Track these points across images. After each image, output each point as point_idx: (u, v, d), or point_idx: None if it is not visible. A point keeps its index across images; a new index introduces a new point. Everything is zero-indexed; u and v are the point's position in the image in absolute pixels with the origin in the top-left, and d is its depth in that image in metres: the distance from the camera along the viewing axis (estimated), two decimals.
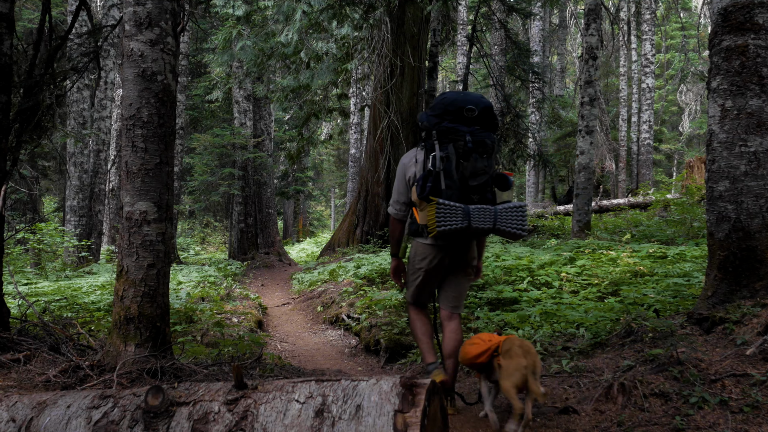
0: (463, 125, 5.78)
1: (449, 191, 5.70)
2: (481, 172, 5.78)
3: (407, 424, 3.40)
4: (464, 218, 5.58)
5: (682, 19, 47.14)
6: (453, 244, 6.09)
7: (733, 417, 5.05)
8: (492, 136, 5.88)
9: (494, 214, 5.70)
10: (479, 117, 5.82)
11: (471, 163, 5.74)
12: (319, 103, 24.16)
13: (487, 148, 5.80)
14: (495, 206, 5.77)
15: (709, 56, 7.14)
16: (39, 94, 7.57)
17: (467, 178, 5.75)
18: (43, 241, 18.67)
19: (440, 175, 5.74)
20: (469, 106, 5.78)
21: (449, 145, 5.74)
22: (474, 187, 5.77)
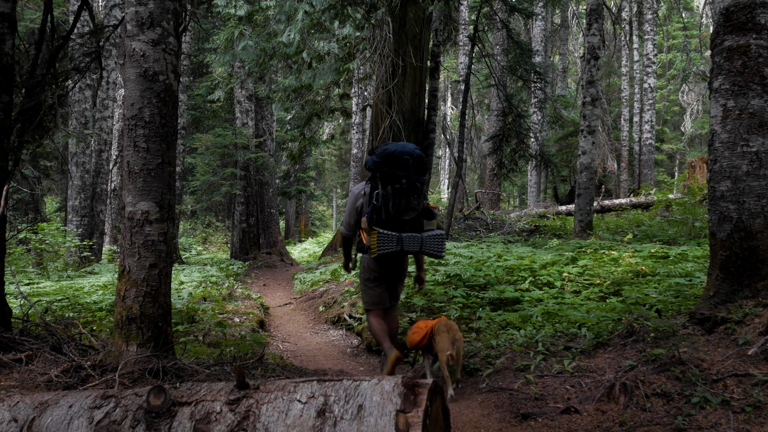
0: (400, 171, 7.29)
1: (388, 222, 7.28)
2: (411, 208, 7.38)
3: (409, 424, 3.40)
4: (398, 243, 7.22)
5: (684, 19, 47.06)
6: (390, 260, 7.72)
7: (735, 417, 5.05)
8: (422, 179, 7.46)
9: (421, 240, 7.35)
10: (413, 164, 7.35)
11: (405, 201, 7.32)
12: (321, 103, 24.14)
13: (417, 190, 7.40)
14: (422, 234, 7.39)
15: (710, 56, 7.14)
16: (41, 94, 7.57)
17: (401, 212, 7.33)
18: (45, 241, 18.70)
19: (381, 209, 7.29)
20: (405, 156, 7.29)
21: (389, 186, 7.29)
22: (406, 220, 7.35)
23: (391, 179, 7.29)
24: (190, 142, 32.13)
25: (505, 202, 54.87)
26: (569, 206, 28.07)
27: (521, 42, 25.91)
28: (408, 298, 11.48)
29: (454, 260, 13.60)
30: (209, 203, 33.44)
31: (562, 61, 45.37)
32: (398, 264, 7.89)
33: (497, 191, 34.16)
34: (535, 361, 7.51)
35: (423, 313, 10.83)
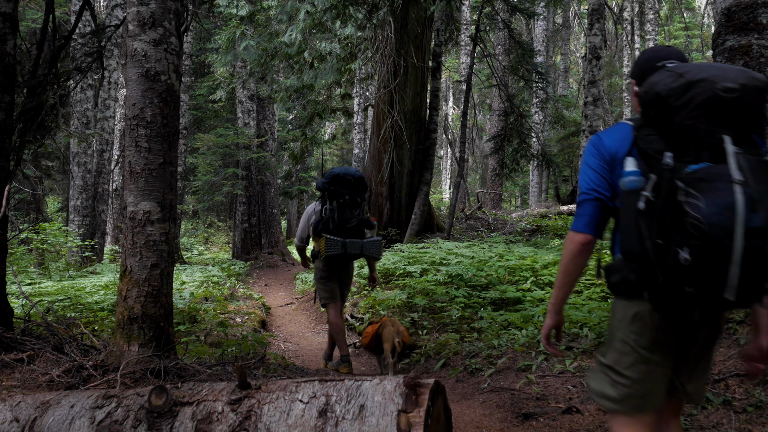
0: (344, 189, 8.98)
1: (334, 230, 8.95)
2: (353, 218, 9.03)
3: (411, 424, 3.40)
4: (342, 247, 8.92)
5: (685, 19, 47.09)
6: (338, 263, 9.33)
7: (737, 417, 5.06)
8: (363, 195, 9.18)
9: (361, 245, 9.09)
10: (354, 184, 9.03)
11: (348, 213, 8.99)
12: (323, 103, 24.13)
13: (357, 204, 9.07)
14: (362, 240, 9.13)
15: (712, 56, 7.14)
16: (42, 94, 7.58)
17: (345, 222, 8.98)
18: (47, 241, 18.71)
19: (329, 220, 8.96)
20: (347, 177, 9.00)
21: (334, 201, 8.97)
22: (349, 228, 9.01)
23: (337, 196, 9.01)
24: (191, 142, 32.10)
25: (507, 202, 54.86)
26: (571, 206, 28.00)
27: (523, 42, 25.94)
28: (409, 298, 11.49)
29: (455, 260, 13.60)
30: (211, 203, 33.40)
31: (563, 61, 45.38)
32: (345, 268, 9.64)
33: (499, 191, 34.14)
34: (536, 361, 7.52)
35: (425, 313, 10.86)
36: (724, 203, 2.88)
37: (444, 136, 41.67)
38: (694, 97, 3.10)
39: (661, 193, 3.08)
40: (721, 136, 3.06)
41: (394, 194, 21.26)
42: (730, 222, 2.85)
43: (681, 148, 3.14)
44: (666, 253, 3.01)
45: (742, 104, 3.09)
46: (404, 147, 20.76)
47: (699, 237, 2.89)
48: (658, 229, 3.05)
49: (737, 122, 3.10)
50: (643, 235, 3.11)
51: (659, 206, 3.07)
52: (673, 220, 3.00)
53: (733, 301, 2.97)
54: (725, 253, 2.87)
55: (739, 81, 3.09)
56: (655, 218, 3.07)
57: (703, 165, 3.05)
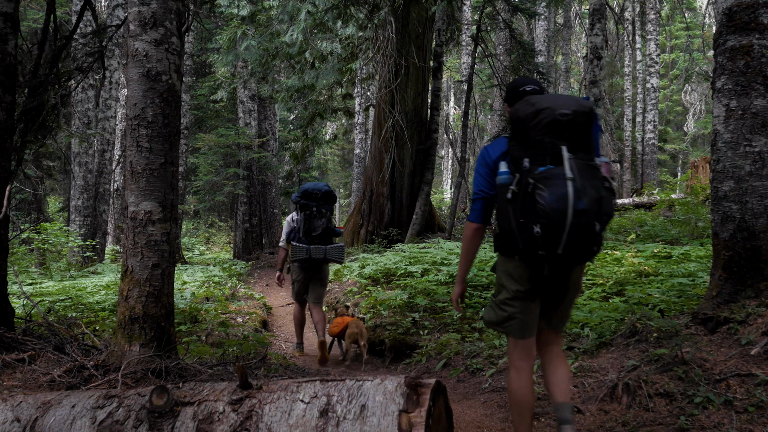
0: (312, 202, 10.47)
1: (303, 238, 10.46)
2: (320, 227, 10.44)
3: (412, 424, 3.40)
4: (306, 252, 10.38)
5: (686, 19, 47.04)
6: (307, 266, 10.65)
7: (738, 417, 5.06)
8: (329, 207, 10.64)
9: (325, 250, 10.46)
10: (322, 197, 10.50)
11: (314, 222, 10.45)
12: (324, 103, 24.16)
13: (323, 214, 10.51)
14: (326, 246, 10.50)
15: (713, 56, 7.14)
16: (43, 94, 7.58)
17: (311, 230, 10.44)
18: (48, 241, 18.70)
19: (300, 229, 10.50)
20: (315, 192, 10.48)
21: (303, 213, 10.50)
22: (315, 236, 10.45)
23: (305, 208, 10.50)
24: (193, 142, 32.10)
25: None
26: None
27: (524, 42, 25.92)
28: (411, 298, 11.50)
29: (457, 260, 13.59)
30: (212, 203, 33.42)
31: (564, 61, 45.32)
32: (316, 271, 10.78)
33: None
34: (537, 361, 7.52)
35: (426, 313, 10.87)
36: (560, 193, 4.24)
37: (445, 136, 41.71)
38: (542, 120, 4.45)
39: (521, 187, 4.45)
40: (560, 146, 4.41)
41: (395, 194, 21.30)
42: (564, 206, 4.22)
43: (534, 155, 4.47)
44: (525, 228, 4.40)
45: (574, 124, 4.46)
46: (405, 147, 20.79)
47: (544, 217, 4.25)
48: (520, 212, 4.45)
49: (571, 137, 4.46)
50: (510, 216, 4.53)
51: (520, 196, 4.45)
52: (529, 205, 4.36)
53: (568, 259, 4.45)
54: (561, 227, 4.25)
55: (572, 108, 4.47)
56: (518, 204, 4.47)
57: (548, 167, 4.39)
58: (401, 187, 21.29)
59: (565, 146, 4.43)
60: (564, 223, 4.26)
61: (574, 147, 4.46)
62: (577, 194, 4.25)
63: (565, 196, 4.25)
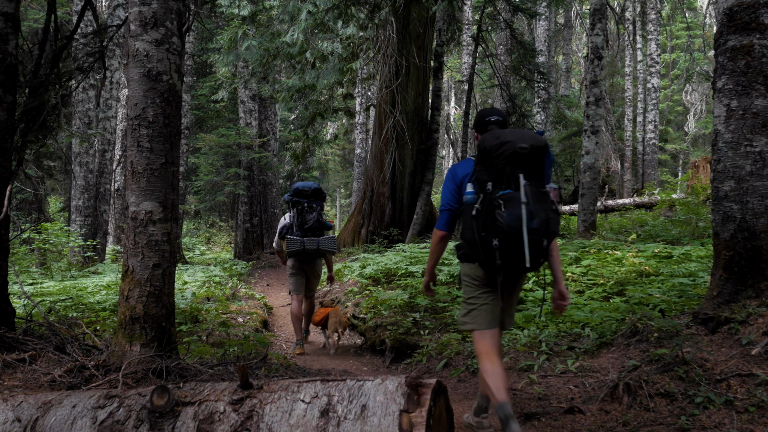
0: (303, 198, 11.21)
1: (296, 231, 11.15)
2: (311, 221, 11.12)
3: (412, 424, 3.40)
4: (300, 245, 11.01)
5: (687, 19, 47.04)
6: (302, 259, 11.33)
7: (739, 417, 5.06)
8: (320, 203, 11.37)
9: (318, 241, 11.10)
10: (311, 194, 11.26)
11: (306, 216, 11.14)
12: (325, 103, 24.16)
13: (314, 209, 11.20)
14: (319, 238, 11.16)
15: (714, 56, 7.14)
16: (44, 94, 7.58)
17: (303, 224, 11.13)
18: (49, 241, 18.71)
19: (292, 224, 11.23)
20: (305, 189, 11.25)
21: (295, 209, 11.22)
22: (307, 229, 11.12)
23: (297, 204, 11.23)
24: (193, 142, 32.09)
25: None
26: (573, 206, 28.01)
27: (525, 42, 25.97)
28: (411, 298, 11.50)
29: (457, 261, 13.60)
30: (213, 203, 33.41)
31: (565, 61, 45.34)
32: (310, 264, 11.48)
33: None
34: (538, 361, 7.51)
35: (426, 313, 10.88)
36: (516, 214, 5.09)
37: (446, 136, 41.70)
38: (504, 151, 5.26)
39: (484, 206, 5.25)
40: (518, 174, 5.21)
41: (396, 194, 21.31)
42: (519, 224, 5.07)
43: (496, 180, 5.27)
44: (486, 241, 5.21)
45: (531, 157, 5.26)
46: (406, 147, 20.80)
47: (502, 232, 5.10)
48: (482, 227, 5.25)
49: (527, 167, 5.26)
50: (474, 230, 5.32)
51: (483, 214, 5.24)
52: (490, 222, 5.18)
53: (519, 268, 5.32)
54: (516, 242, 5.10)
55: (530, 143, 5.27)
56: (480, 220, 5.26)
57: (507, 191, 5.20)
58: (402, 187, 21.29)
59: (522, 174, 5.26)
60: (518, 239, 5.12)
61: (529, 175, 5.29)
62: (530, 215, 5.14)
63: (520, 217, 5.12)
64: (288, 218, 11.47)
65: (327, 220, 11.51)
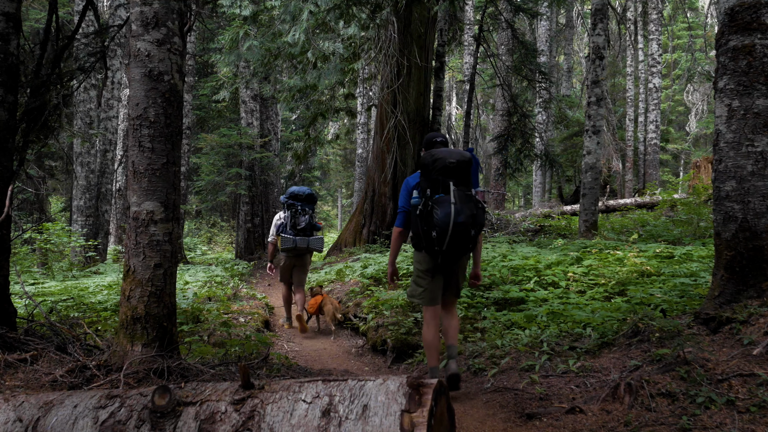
0: (297, 201, 12.75)
1: (289, 231, 12.68)
2: (303, 222, 12.67)
3: (414, 424, 3.40)
4: (293, 243, 12.62)
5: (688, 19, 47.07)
6: (293, 254, 13.00)
7: (740, 417, 5.05)
8: (312, 206, 12.90)
9: (308, 241, 12.76)
10: (305, 198, 12.78)
11: (299, 218, 12.68)
12: (326, 103, 24.17)
13: (306, 212, 12.73)
14: (309, 238, 12.80)
15: (716, 56, 7.13)
16: (46, 94, 7.59)
17: (296, 225, 12.66)
18: (50, 241, 18.72)
19: (287, 224, 12.71)
20: (299, 193, 12.79)
21: (289, 210, 12.73)
22: (300, 229, 12.68)
23: (291, 207, 12.78)
24: (195, 142, 32.09)
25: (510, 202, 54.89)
26: (574, 206, 28.01)
27: (526, 42, 25.93)
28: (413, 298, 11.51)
29: None
30: (214, 203, 33.43)
31: (566, 61, 45.38)
32: (299, 258, 13.15)
33: (502, 191, 34.12)
34: (540, 360, 7.51)
35: None
36: (447, 212, 6.77)
37: (447, 135, 41.69)
38: (437, 165, 6.96)
39: (425, 207, 6.95)
40: (449, 182, 6.91)
41: (398, 194, 21.26)
42: (449, 220, 6.78)
43: (433, 187, 6.96)
44: (427, 233, 6.94)
45: (458, 168, 6.97)
46: (407, 147, 20.79)
47: (437, 226, 6.79)
48: (424, 223, 6.97)
49: (456, 176, 6.97)
50: (419, 225, 7.02)
51: (425, 213, 6.95)
52: (429, 219, 6.88)
53: (453, 252, 7.05)
54: (447, 232, 6.80)
55: (456, 158, 6.98)
56: (423, 218, 6.97)
57: (441, 195, 6.88)
58: None
59: (452, 182, 6.98)
60: (448, 230, 6.88)
61: (458, 182, 7.01)
62: (457, 213, 6.87)
63: (450, 214, 6.86)
64: (283, 217, 12.98)
65: (317, 222, 13.09)
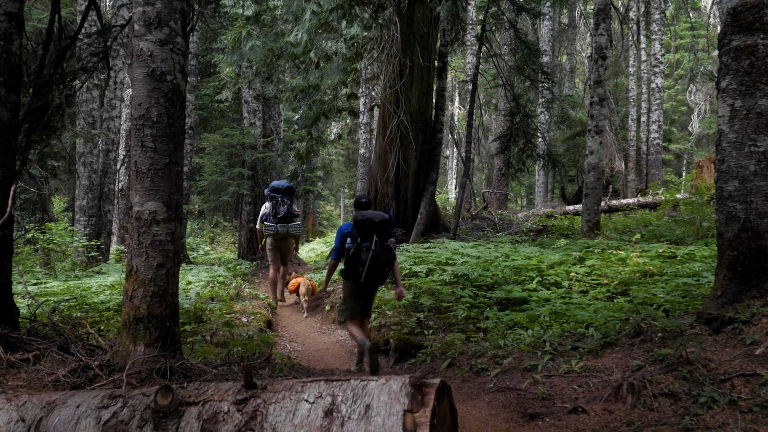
0: (277, 194, 15.12)
1: (271, 219, 15.11)
2: (282, 212, 15.07)
3: (416, 424, 3.40)
4: (274, 230, 15.17)
5: (691, 19, 47.03)
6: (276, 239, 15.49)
7: (743, 417, 5.05)
8: (291, 197, 15.33)
9: (287, 228, 15.22)
10: (284, 191, 15.16)
11: (279, 208, 15.08)
12: (329, 103, 24.15)
13: (285, 203, 15.11)
14: (288, 224, 15.25)
15: (718, 56, 7.13)
16: (48, 94, 7.58)
17: (277, 213, 15.09)
18: (53, 241, 18.70)
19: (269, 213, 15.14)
20: (279, 187, 15.17)
21: (271, 202, 15.13)
22: (280, 218, 15.08)
23: (272, 198, 15.29)
24: (197, 141, 32.09)
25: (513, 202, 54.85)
26: (577, 206, 28.01)
27: (529, 42, 25.90)
28: (415, 298, 11.51)
29: (461, 260, 13.61)
30: (217, 203, 33.47)
31: (569, 61, 45.35)
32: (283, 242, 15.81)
33: (505, 191, 34.13)
34: (542, 360, 7.51)
35: (431, 313, 10.90)
36: (370, 255, 9.17)
37: (450, 136, 41.70)
38: (365, 222, 9.29)
39: (356, 250, 9.30)
40: (372, 234, 9.27)
41: (400, 194, 21.28)
42: (370, 260, 9.17)
43: (362, 237, 9.28)
44: (355, 269, 9.30)
45: (379, 225, 9.30)
46: (410, 147, 20.78)
47: (363, 264, 9.20)
48: (354, 261, 9.30)
49: (378, 231, 9.29)
50: (350, 262, 9.32)
51: (354, 255, 9.29)
52: (357, 258, 9.27)
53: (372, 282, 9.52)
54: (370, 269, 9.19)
55: (379, 218, 9.32)
56: (354, 258, 9.29)
57: (367, 243, 9.27)
58: (406, 187, 21.26)
59: (375, 234, 9.35)
60: (371, 267, 9.24)
61: (379, 235, 9.37)
62: (377, 256, 9.26)
63: (377, 258, 9.26)
64: (267, 208, 15.45)
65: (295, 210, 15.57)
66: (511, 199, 52.87)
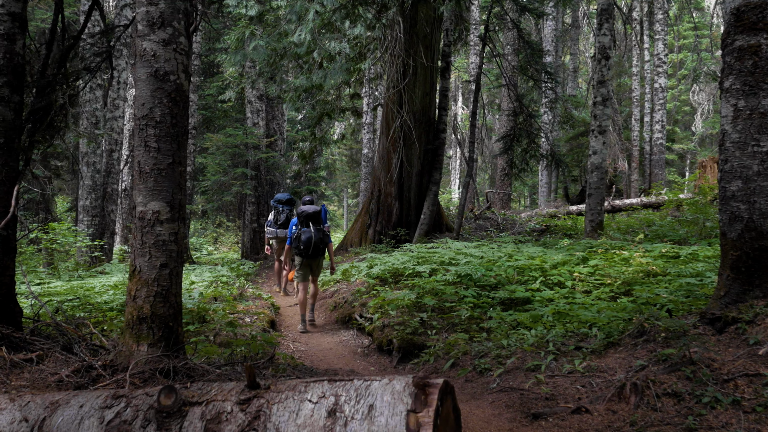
0: (280, 204, 17.73)
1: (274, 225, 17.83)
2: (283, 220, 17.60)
3: (420, 424, 3.40)
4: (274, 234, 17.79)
5: (694, 19, 46.96)
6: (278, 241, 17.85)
7: (746, 417, 5.05)
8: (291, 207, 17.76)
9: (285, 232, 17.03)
10: (285, 202, 17.73)
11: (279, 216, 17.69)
12: (332, 103, 24.14)
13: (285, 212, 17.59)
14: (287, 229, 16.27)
15: (721, 56, 7.12)
16: (52, 94, 7.59)
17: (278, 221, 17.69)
18: (56, 241, 18.75)
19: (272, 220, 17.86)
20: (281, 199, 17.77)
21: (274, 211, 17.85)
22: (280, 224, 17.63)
23: (275, 208, 17.67)
24: (200, 141, 32.13)
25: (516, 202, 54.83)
26: (580, 206, 28.00)
27: (532, 42, 25.89)
28: (419, 298, 11.50)
29: (465, 260, 13.60)
30: (220, 203, 33.45)
31: (572, 61, 45.29)
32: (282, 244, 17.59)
33: (508, 191, 34.13)
34: (545, 360, 7.51)
35: (434, 313, 10.88)
36: (308, 236, 12.89)
37: (453, 135, 41.67)
38: (302, 214, 13.06)
39: (298, 234, 12.99)
40: (309, 222, 12.99)
41: (403, 194, 21.29)
42: (310, 240, 12.87)
43: (302, 224, 13.04)
44: (300, 246, 12.95)
45: (314, 215, 13.07)
46: (413, 147, 20.79)
47: (303, 243, 12.89)
48: (298, 241, 12.96)
49: (313, 219, 13.02)
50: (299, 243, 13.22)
51: (299, 237, 12.99)
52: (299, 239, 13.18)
53: (313, 256, 13.06)
54: (310, 247, 12.92)
55: (312, 211, 13.02)
56: (298, 239, 13.04)
57: (305, 228, 13.00)
58: (409, 186, 21.27)
59: (311, 222, 12.80)
60: (309, 245, 12.69)
61: (314, 223, 12.82)
62: (312, 237, 12.68)
63: (311, 237, 12.69)
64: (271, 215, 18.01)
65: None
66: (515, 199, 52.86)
